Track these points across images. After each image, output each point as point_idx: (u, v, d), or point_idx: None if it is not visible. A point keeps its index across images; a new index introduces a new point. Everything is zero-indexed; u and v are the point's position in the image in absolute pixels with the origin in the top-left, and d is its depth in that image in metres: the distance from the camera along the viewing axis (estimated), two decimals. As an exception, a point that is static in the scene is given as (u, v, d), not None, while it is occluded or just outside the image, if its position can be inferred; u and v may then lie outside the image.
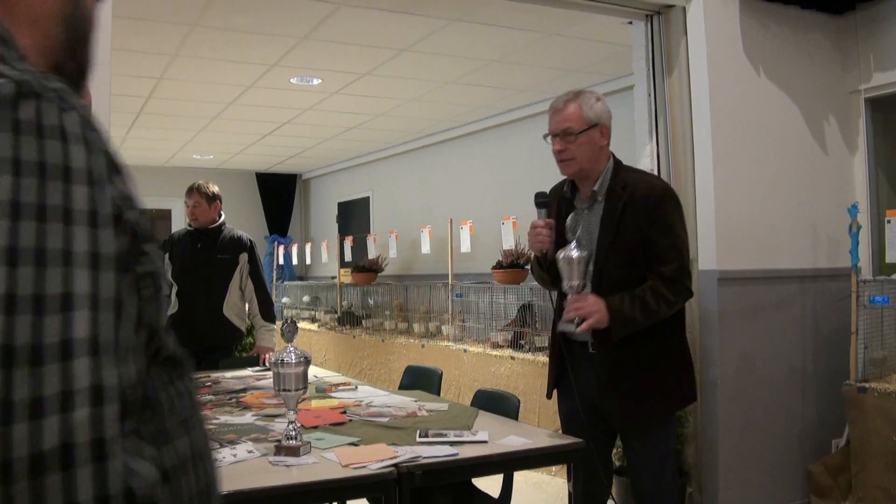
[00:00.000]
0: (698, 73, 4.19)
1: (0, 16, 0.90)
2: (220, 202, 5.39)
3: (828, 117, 4.64)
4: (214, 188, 5.34)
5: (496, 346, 6.36)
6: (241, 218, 10.91)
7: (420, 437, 2.99)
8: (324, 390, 4.11)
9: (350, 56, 6.09)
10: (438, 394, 4.27)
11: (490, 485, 3.40)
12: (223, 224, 5.40)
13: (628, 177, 3.16)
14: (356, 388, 4.24)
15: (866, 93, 4.63)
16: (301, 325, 9.52)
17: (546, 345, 5.48)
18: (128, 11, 4.74)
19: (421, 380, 4.45)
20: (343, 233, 10.44)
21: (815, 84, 4.59)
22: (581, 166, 3.12)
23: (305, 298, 10.60)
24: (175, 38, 5.44)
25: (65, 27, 1.02)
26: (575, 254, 3.03)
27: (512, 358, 5.96)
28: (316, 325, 9.66)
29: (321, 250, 10.75)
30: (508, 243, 6.67)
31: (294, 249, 11.79)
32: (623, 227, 3.05)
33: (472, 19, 5.18)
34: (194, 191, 5.28)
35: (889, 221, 4.25)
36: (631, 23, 4.49)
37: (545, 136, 3.20)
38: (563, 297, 3.16)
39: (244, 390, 4.08)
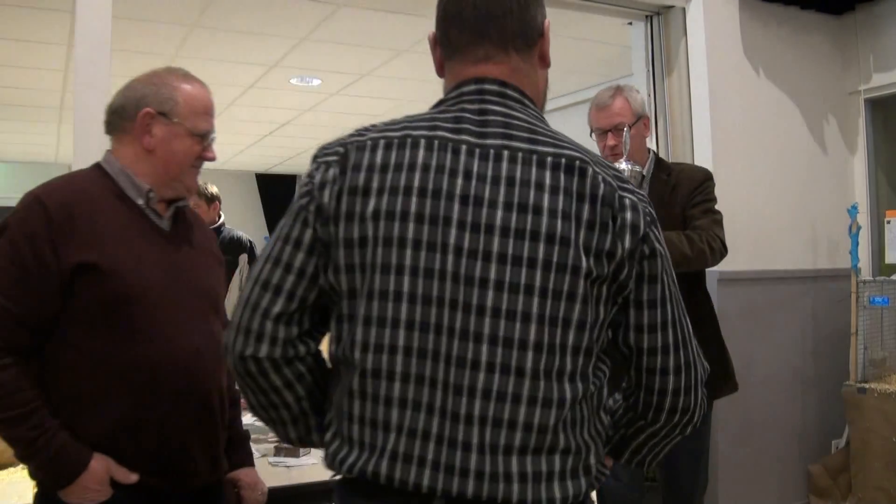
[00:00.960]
0: (698, 74, 4.19)
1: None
2: (220, 203, 5.39)
3: (827, 118, 4.64)
4: (214, 189, 5.33)
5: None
6: (241, 219, 10.89)
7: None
8: None
9: (350, 57, 6.09)
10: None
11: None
12: (223, 225, 5.40)
13: (670, 165, 3.21)
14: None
15: (866, 93, 4.63)
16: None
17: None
18: (127, 12, 4.74)
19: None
20: (343, 233, 10.44)
21: (814, 84, 4.59)
22: (633, 159, 3.10)
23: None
24: (175, 39, 5.44)
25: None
26: (625, 165, 2.83)
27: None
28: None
29: (321, 251, 10.75)
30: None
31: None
32: (671, 208, 3.02)
33: (471, 20, 5.17)
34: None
35: (889, 222, 4.25)
36: (630, 23, 4.48)
37: (591, 134, 3.16)
38: None
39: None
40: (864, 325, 4.13)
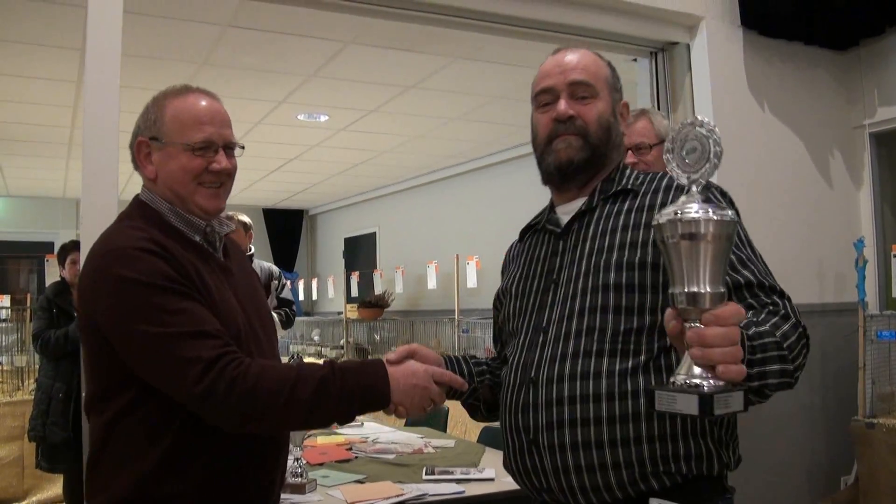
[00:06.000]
0: (703, 109, 4.21)
1: None
2: (253, 233, 5.66)
3: (833, 152, 4.65)
4: (247, 218, 5.51)
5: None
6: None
7: (426, 474, 2.99)
8: (329, 427, 4.10)
9: (357, 93, 6.14)
10: (445, 430, 4.26)
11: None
12: (253, 255, 5.59)
13: None
14: (362, 424, 4.23)
15: (871, 128, 4.64)
16: (307, 360, 9.50)
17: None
18: (137, 50, 4.80)
19: (427, 416, 4.44)
20: (349, 268, 10.47)
21: (819, 119, 4.61)
22: None
23: (315, 337, 10.57)
24: (184, 76, 5.49)
25: None
26: (701, 213, 1.37)
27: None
28: (322, 361, 9.63)
29: (327, 286, 10.77)
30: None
31: (300, 285, 11.81)
32: None
33: (477, 57, 5.22)
34: (233, 217, 5.37)
35: (895, 256, 4.24)
36: (636, 60, 4.52)
37: None
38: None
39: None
40: (872, 359, 4.11)
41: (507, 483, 2.87)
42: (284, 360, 4.93)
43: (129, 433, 1.76)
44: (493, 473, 2.97)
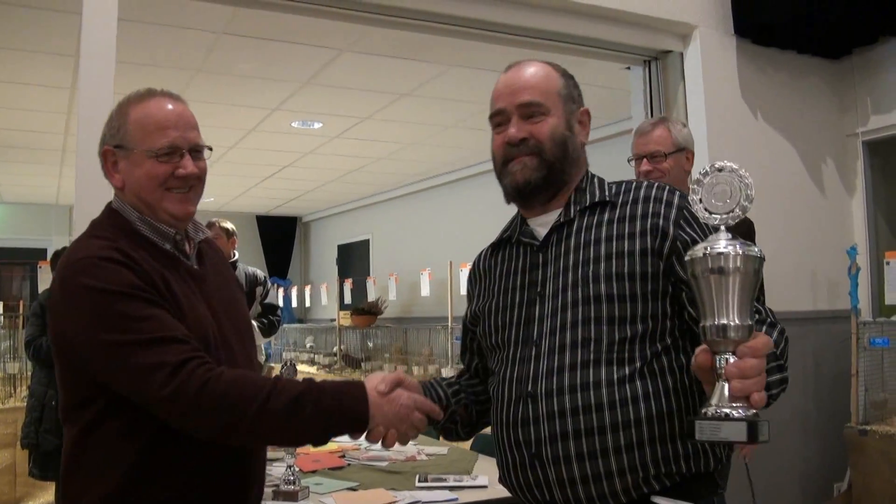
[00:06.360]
0: (696, 118, 4.22)
1: None
2: (237, 238, 5.60)
3: (826, 160, 4.67)
4: (230, 225, 5.54)
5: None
6: (241, 260, 10.92)
7: (419, 481, 2.98)
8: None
9: (351, 101, 6.14)
10: (438, 438, 4.25)
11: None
12: (237, 261, 5.56)
13: None
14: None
15: (864, 136, 4.67)
16: (300, 367, 9.50)
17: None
18: (131, 57, 4.79)
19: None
20: (342, 275, 10.45)
21: (812, 127, 4.63)
22: None
23: (309, 344, 10.55)
24: (178, 84, 5.49)
25: None
26: (730, 248, 1.43)
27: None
28: (315, 367, 9.63)
29: (321, 293, 10.75)
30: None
31: (294, 292, 11.79)
32: None
33: (471, 65, 5.23)
34: (214, 224, 5.37)
35: (888, 263, 4.26)
36: (629, 68, 4.53)
37: (629, 160, 3.14)
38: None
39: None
40: (865, 366, 4.12)
41: (500, 490, 2.86)
42: (277, 367, 4.93)
43: (98, 447, 1.72)
44: (487, 481, 2.96)
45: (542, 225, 1.86)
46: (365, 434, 1.75)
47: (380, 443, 1.76)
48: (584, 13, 3.99)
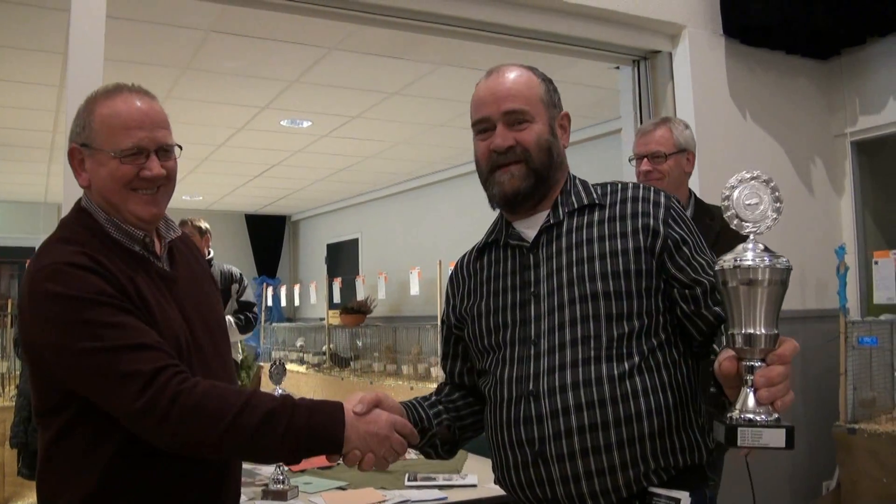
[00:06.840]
0: (685, 118, 4.20)
1: None
2: (210, 237, 5.57)
3: (814, 160, 4.68)
4: (204, 223, 5.50)
5: (486, 388, 6.32)
6: (230, 259, 10.86)
7: (409, 480, 2.98)
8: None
9: (340, 99, 6.14)
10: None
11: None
12: (212, 259, 5.52)
13: (711, 207, 3.08)
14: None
15: (852, 136, 4.68)
16: (289, 366, 9.48)
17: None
18: (119, 55, 4.78)
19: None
20: (332, 274, 10.44)
21: (801, 128, 4.64)
22: (667, 189, 3.05)
23: (299, 343, 10.52)
24: (166, 82, 5.47)
25: None
26: (758, 261, 1.54)
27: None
28: (304, 366, 9.62)
29: (310, 292, 10.74)
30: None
31: (282, 291, 11.77)
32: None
33: (460, 64, 5.23)
34: (187, 223, 5.36)
35: (876, 262, 4.28)
36: (618, 68, 4.53)
37: (630, 160, 3.15)
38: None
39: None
40: (853, 365, 4.13)
41: (490, 489, 2.87)
42: (266, 366, 4.92)
43: (71, 453, 1.69)
44: (476, 479, 2.97)
45: (528, 227, 1.88)
46: (341, 457, 1.71)
47: (356, 466, 1.73)
48: (573, 13, 3.99)
